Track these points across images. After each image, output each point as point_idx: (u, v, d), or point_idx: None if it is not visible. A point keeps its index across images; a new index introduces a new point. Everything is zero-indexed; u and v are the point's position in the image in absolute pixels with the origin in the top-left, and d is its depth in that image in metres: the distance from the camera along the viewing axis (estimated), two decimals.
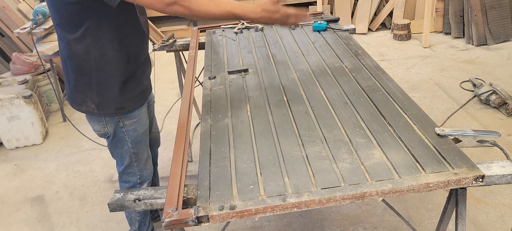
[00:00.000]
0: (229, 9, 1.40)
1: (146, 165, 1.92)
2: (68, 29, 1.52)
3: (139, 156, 1.86)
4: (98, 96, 1.64)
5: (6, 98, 3.28)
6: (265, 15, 1.45)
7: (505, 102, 3.19)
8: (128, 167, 1.86)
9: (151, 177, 1.98)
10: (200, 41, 2.50)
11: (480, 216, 2.25)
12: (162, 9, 1.35)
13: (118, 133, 1.76)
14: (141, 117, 1.80)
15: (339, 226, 2.28)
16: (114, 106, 1.68)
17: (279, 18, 1.48)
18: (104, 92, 1.64)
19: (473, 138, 1.36)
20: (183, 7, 1.34)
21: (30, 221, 2.59)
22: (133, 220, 2.05)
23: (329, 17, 2.69)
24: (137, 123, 1.78)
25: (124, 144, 1.79)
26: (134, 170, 1.88)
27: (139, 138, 1.82)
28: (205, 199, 1.15)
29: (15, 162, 3.26)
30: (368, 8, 5.27)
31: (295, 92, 1.74)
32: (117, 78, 1.64)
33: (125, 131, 1.76)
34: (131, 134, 1.78)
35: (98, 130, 1.76)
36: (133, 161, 1.85)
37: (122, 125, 1.74)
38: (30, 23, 3.48)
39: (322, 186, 1.16)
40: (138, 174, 1.89)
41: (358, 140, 1.37)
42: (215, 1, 1.38)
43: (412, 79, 3.96)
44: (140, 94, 1.77)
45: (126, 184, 1.92)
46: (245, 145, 1.39)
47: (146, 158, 1.91)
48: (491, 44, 4.57)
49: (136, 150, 1.83)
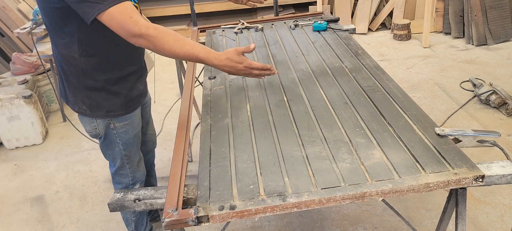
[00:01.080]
0: (193, 52, 1.40)
1: (138, 167, 1.90)
2: (57, 34, 1.52)
3: (131, 158, 1.84)
4: (88, 98, 1.64)
5: (6, 98, 3.28)
6: (228, 64, 1.45)
7: (505, 102, 3.19)
8: (120, 168, 1.84)
9: (144, 178, 1.97)
10: (200, 41, 2.50)
11: (480, 216, 2.25)
12: (127, 38, 1.36)
13: (109, 135, 1.75)
14: (133, 120, 1.78)
15: (339, 226, 2.28)
16: (105, 109, 1.67)
17: (242, 69, 1.48)
18: (92, 95, 1.63)
19: (473, 138, 1.36)
20: (148, 41, 1.35)
21: (30, 221, 2.59)
22: (129, 221, 2.04)
23: (329, 17, 2.69)
24: (128, 125, 1.76)
25: (115, 146, 1.77)
26: (126, 172, 1.86)
27: (130, 140, 1.79)
28: (205, 199, 1.15)
29: (15, 162, 3.26)
30: (368, 8, 5.27)
31: (295, 92, 1.74)
32: (105, 84, 1.62)
33: (116, 133, 1.74)
34: (122, 136, 1.76)
35: (90, 130, 1.75)
36: (125, 163, 1.83)
37: (113, 127, 1.72)
38: (30, 23, 3.48)
39: (322, 186, 1.16)
40: (131, 176, 1.88)
41: (358, 140, 1.37)
42: (181, 41, 1.39)
43: (412, 79, 3.96)
44: (134, 99, 1.74)
45: (119, 185, 1.91)
46: (245, 145, 1.39)
47: (138, 160, 1.89)
48: (491, 44, 4.57)
49: (127, 152, 1.81)
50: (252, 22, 2.72)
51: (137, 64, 1.74)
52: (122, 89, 1.67)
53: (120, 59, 1.63)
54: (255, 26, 2.61)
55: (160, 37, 1.35)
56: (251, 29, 2.61)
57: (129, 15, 1.33)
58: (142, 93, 1.81)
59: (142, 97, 1.83)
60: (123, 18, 1.32)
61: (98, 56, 1.56)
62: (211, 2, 5.71)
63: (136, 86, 1.74)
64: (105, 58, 1.58)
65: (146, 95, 1.93)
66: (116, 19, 1.33)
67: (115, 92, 1.65)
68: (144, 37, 1.34)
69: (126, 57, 1.65)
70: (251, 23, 2.69)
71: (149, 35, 1.34)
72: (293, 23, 2.58)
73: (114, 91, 1.65)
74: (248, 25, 2.64)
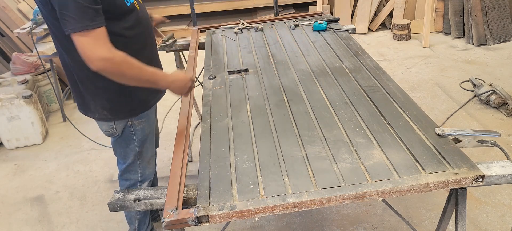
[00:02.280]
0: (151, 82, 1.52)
1: (149, 164, 1.92)
2: (67, 39, 1.50)
3: (143, 155, 1.86)
4: (108, 102, 1.64)
5: (6, 98, 3.28)
6: (180, 88, 1.60)
7: (505, 102, 3.19)
8: (131, 164, 1.86)
9: (152, 176, 1.98)
10: (200, 41, 2.50)
11: (480, 216, 2.25)
12: (89, 61, 1.37)
13: (126, 132, 1.77)
14: (150, 117, 1.81)
15: (339, 226, 2.28)
16: (126, 109, 1.69)
17: (185, 93, 1.66)
18: (112, 98, 1.64)
19: (473, 138, 1.36)
20: (111, 68, 1.39)
21: (30, 221, 2.59)
22: (132, 219, 2.05)
23: (329, 17, 2.69)
24: (145, 122, 1.79)
25: (130, 143, 1.79)
26: (137, 168, 1.88)
27: (145, 137, 1.82)
28: (205, 199, 1.15)
29: (15, 162, 3.26)
30: (368, 8, 5.27)
31: (295, 92, 1.74)
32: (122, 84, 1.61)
33: (133, 130, 1.76)
34: (138, 133, 1.78)
35: (106, 130, 1.75)
36: (137, 159, 1.85)
37: (131, 124, 1.75)
38: (30, 23, 3.48)
39: (322, 186, 1.16)
40: (140, 172, 1.89)
41: (358, 140, 1.37)
42: (141, 71, 1.46)
43: (412, 79, 3.96)
44: (153, 93, 1.77)
45: (126, 182, 1.92)
46: (245, 145, 1.39)
47: (150, 157, 1.92)
48: (491, 44, 4.57)
49: (141, 149, 1.83)
50: (252, 22, 2.72)
51: (150, 56, 1.73)
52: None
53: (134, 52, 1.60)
54: (255, 26, 2.61)
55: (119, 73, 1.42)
56: (251, 29, 2.61)
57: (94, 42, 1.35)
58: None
59: (161, 91, 1.85)
60: (86, 44, 1.35)
61: None
62: (211, 2, 5.71)
63: None
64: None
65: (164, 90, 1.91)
66: (80, 42, 1.35)
67: (134, 90, 1.64)
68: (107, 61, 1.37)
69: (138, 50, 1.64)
70: (251, 23, 2.69)
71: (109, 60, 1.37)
72: (293, 23, 2.58)
73: (133, 89, 1.63)
74: (248, 25, 2.65)
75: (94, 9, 1.35)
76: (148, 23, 1.73)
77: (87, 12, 1.33)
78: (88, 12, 1.34)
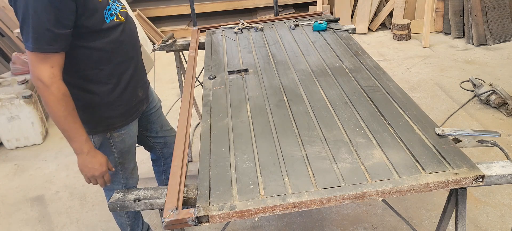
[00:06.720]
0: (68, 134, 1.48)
1: (132, 174, 1.87)
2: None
3: (125, 166, 1.80)
4: (86, 115, 1.59)
5: (6, 98, 3.28)
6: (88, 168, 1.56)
7: (505, 102, 3.19)
8: (113, 175, 1.80)
9: (136, 185, 1.93)
10: (200, 41, 2.50)
11: (480, 216, 2.25)
12: (31, 75, 1.39)
13: (105, 144, 1.71)
14: (131, 129, 1.74)
15: (339, 226, 2.28)
16: (104, 124, 1.64)
17: (91, 179, 1.62)
18: (90, 112, 1.60)
19: (473, 138, 1.36)
20: (43, 93, 1.38)
21: (30, 221, 2.59)
22: (123, 225, 1.99)
23: (329, 17, 2.69)
24: (126, 135, 1.73)
25: (109, 155, 1.72)
26: (119, 179, 1.82)
27: (126, 149, 1.76)
28: (205, 199, 1.15)
29: (15, 162, 3.26)
30: (368, 8, 5.27)
31: (295, 92, 1.74)
32: (103, 97, 1.58)
33: (112, 142, 1.71)
34: (118, 146, 1.72)
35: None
36: (119, 170, 1.79)
37: (110, 136, 1.69)
38: None
39: (322, 186, 1.16)
40: (124, 182, 1.83)
41: (358, 140, 1.37)
42: (67, 117, 1.43)
43: (412, 79, 3.96)
44: (134, 107, 1.71)
45: (110, 192, 1.86)
46: (245, 145, 1.39)
47: (132, 168, 1.86)
48: (491, 44, 4.57)
49: (122, 160, 1.77)
50: (252, 22, 2.72)
51: (135, 66, 1.69)
52: (124, 97, 1.64)
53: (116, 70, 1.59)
54: (255, 26, 2.61)
55: (51, 102, 1.39)
56: (251, 29, 2.61)
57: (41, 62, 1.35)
58: (143, 100, 1.77)
59: (143, 104, 1.79)
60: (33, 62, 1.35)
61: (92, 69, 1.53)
62: (211, 2, 5.71)
63: (136, 93, 1.71)
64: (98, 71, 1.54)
65: (148, 102, 1.86)
66: (29, 58, 1.36)
67: (114, 104, 1.61)
68: (43, 85, 1.37)
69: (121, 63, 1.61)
70: (251, 23, 2.69)
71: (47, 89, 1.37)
72: (293, 23, 2.58)
73: (113, 102, 1.61)
74: (248, 25, 2.65)
75: (54, 34, 1.33)
76: (133, 34, 1.67)
77: (45, 35, 1.32)
78: (47, 35, 1.32)
